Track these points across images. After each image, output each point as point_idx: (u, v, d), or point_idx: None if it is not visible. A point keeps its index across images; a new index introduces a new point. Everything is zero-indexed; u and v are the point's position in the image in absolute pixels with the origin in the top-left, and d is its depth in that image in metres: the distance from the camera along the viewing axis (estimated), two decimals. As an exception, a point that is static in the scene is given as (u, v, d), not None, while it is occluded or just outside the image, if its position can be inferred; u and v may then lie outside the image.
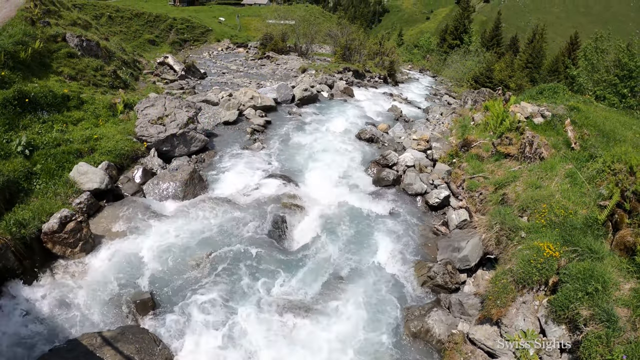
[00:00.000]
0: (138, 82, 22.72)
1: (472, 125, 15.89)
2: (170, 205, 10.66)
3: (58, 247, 8.36)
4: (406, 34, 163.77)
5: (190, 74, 28.65)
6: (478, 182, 11.60)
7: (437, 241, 10.18)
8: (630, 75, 20.66)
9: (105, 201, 10.29)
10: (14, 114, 11.15)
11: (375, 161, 14.11)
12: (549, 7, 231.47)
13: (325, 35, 47.16)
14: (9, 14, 17.35)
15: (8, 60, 13.34)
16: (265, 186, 11.94)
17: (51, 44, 17.03)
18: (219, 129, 16.27)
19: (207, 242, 9.27)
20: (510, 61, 46.14)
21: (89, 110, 13.70)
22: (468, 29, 69.07)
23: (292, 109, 19.89)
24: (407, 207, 11.78)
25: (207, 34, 58.23)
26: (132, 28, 52.59)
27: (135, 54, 30.81)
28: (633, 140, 10.77)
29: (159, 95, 15.92)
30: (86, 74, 17.61)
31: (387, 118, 20.99)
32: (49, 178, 9.78)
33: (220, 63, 39.02)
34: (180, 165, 12.47)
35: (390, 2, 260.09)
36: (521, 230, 8.42)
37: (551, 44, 78.83)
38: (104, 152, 11.51)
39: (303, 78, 27.47)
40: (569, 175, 9.68)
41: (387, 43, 47.69)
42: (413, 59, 71.37)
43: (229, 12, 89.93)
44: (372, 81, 34.18)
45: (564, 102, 14.19)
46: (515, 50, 62.08)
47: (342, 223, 10.59)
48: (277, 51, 42.05)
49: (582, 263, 6.91)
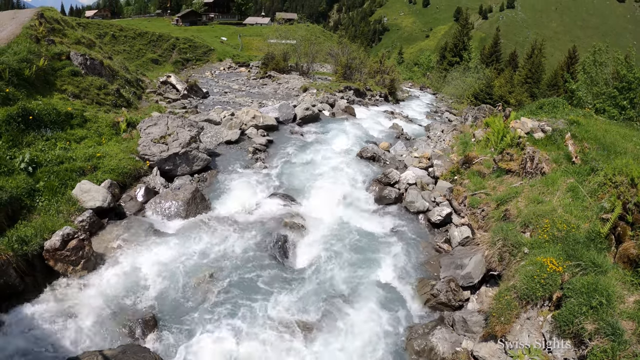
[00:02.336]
0: (141, 101, 22.95)
1: (473, 142, 15.93)
2: (172, 224, 10.68)
3: (60, 264, 8.38)
4: (406, 52, 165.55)
5: (193, 93, 28.90)
6: (480, 198, 11.59)
7: (440, 259, 10.14)
8: (630, 87, 20.72)
9: (107, 219, 10.34)
10: (17, 130, 11.28)
11: (377, 179, 14.12)
12: (547, 22, 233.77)
13: (326, 54, 47.58)
14: (15, 31, 17.61)
15: (13, 77, 13.52)
16: (267, 205, 11.97)
17: (55, 62, 17.27)
18: (221, 148, 16.34)
19: (209, 262, 9.27)
20: (510, 77, 46.47)
21: (92, 128, 13.84)
22: (467, 46, 69.50)
23: (294, 128, 19.99)
24: (409, 225, 11.75)
25: (210, 54, 58.94)
26: (136, 47, 53.32)
27: (139, 73, 31.18)
28: (634, 152, 10.78)
29: (162, 115, 16.05)
30: (90, 92, 17.80)
31: (388, 136, 21.04)
32: (52, 195, 9.85)
33: (223, 82, 39.37)
34: (182, 185, 12.53)
35: (390, 20, 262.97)
36: (524, 246, 8.38)
37: (550, 59, 79.34)
38: (107, 171, 11.60)
39: (304, 97, 27.66)
40: (570, 190, 9.67)
41: (387, 61, 48.05)
42: (413, 76, 71.93)
43: (231, 31, 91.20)
44: (373, 99, 34.34)
45: (564, 117, 14.22)
46: (514, 65, 62.50)
47: (344, 242, 10.57)
48: (279, 70, 42.43)
49: (585, 277, 6.87)
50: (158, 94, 26.59)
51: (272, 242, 10.03)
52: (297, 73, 43.09)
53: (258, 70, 45.92)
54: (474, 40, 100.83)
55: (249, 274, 8.98)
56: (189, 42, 59.50)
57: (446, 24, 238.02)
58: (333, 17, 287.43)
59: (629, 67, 21.93)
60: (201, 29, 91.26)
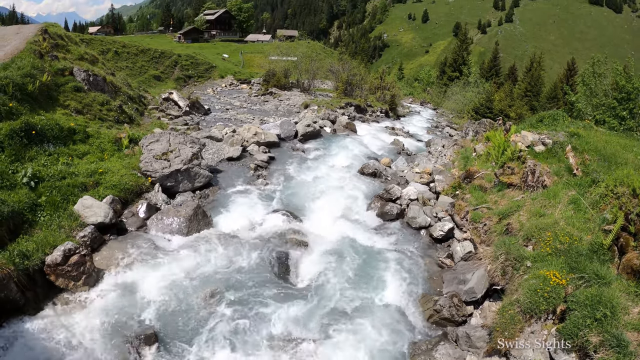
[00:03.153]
0: (143, 118, 23.09)
1: (474, 157, 15.95)
2: (174, 240, 10.67)
3: (61, 279, 8.37)
4: (406, 67, 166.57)
5: (195, 109, 29.10)
6: (482, 213, 11.56)
7: (443, 274, 10.09)
8: (629, 98, 20.75)
9: (109, 235, 10.33)
10: (20, 145, 11.34)
11: (379, 195, 14.11)
12: (546, 35, 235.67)
13: (327, 71, 47.87)
14: (19, 46, 17.80)
15: (16, 92, 13.62)
16: (269, 222, 11.96)
17: (59, 78, 17.42)
18: (222, 164, 16.41)
19: (211, 278, 9.24)
20: (510, 90, 46.72)
21: (94, 144, 13.91)
22: (467, 61, 69.97)
23: (295, 144, 20.07)
24: (412, 241, 11.71)
25: (211, 71, 59.52)
26: (138, 64, 53.87)
27: (141, 89, 31.43)
28: (634, 162, 10.77)
29: (164, 131, 16.14)
30: (92, 108, 17.93)
31: (389, 152, 21.10)
32: (54, 210, 9.86)
33: (224, 99, 39.64)
34: (184, 201, 12.54)
35: (390, 37, 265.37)
36: (526, 260, 8.34)
37: (549, 71, 79.73)
38: (109, 186, 11.63)
39: (306, 114, 27.79)
40: (572, 202, 9.64)
41: (387, 77, 48.43)
42: (414, 92, 72.28)
43: (232, 49, 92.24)
44: (374, 115, 34.49)
45: (564, 129, 14.26)
46: (514, 79, 62.85)
47: (346, 258, 10.53)
48: (280, 87, 42.71)
49: (589, 289, 6.82)
50: (160, 111, 26.77)
51: (274, 259, 10.01)
52: (298, 90, 43.37)
53: (259, 87, 46.25)
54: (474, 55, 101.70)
55: (250, 291, 8.94)
56: (191, 59, 60.15)
57: (445, 39, 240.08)
58: (333, 34, 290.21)
59: (627, 77, 21.99)
60: (203, 46, 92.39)
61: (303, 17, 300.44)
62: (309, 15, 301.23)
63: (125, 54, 54.32)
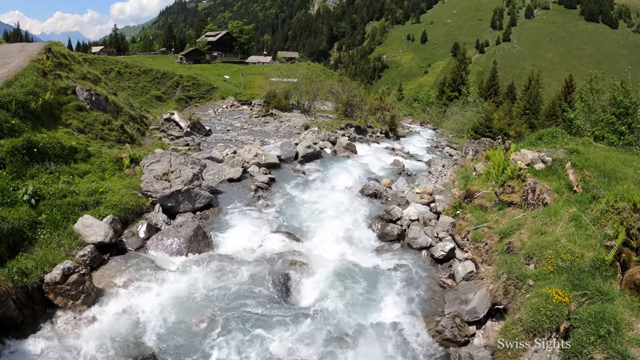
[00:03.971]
0: (144, 138, 23.23)
1: (474, 176, 15.96)
2: (174, 261, 10.61)
3: (60, 298, 8.30)
4: (406, 88, 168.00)
5: (196, 130, 29.31)
6: (483, 232, 11.52)
7: (444, 294, 10.00)
8: (627, 112, 20.79)
9: (108, 255, 10.28)
10: (22, 162, 11.38)
11: (379, 216, 14.07)
12: (543, 53, 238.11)
13: (327, 92, 48.28)
14: (22, 64, 18.02)
15: (19, 109, 13.75)
16: (270, 243, 11.91)
17: (61, 96, 17.60)
18: (223, 185, 16.42)
19: (211, 300, 9.16)
20: (509, 109, 46.99)
21: (95, 163, 13.96)
22: (465, 80, 70.59)
23: (296, 166, 20.12)
24: (413, 262, 11.62)
25: (213, 92, 59.99)
26: (140, 84, 54.29)
27: (143, 109, 31.71)
28: (634, 177, 10.77)
29: (165, 152, 16.22)
30: (94, 127, 18.05)
31: (389, 173, 21.12)
32: (54, 228, 9.84)
33: (225, 120, 39.90)
34: (184, 222, 12.53)
35: (389, 58, 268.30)
36: (528, 278, 8.29)
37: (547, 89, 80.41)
38: (109, 206, 11.61)
39: (306, 135, 27.96)
40: (573, 219, 9.62)
41: (387, 98, 48.78)
42: (413, 112, 72.80)
43: (233, 70, 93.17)
44: (374, 136, 34.63)
45: (564, 146, 14.29)
46: (512, 97, 63.28)
47: (347, 279, 10.45)
48: (281, 109, 43.02)
49: (592, 306, 6.79)
50: (161, 131, 26.95)
51: (274, 280, 9.94)
52: (298, 111, 43.67)
53: (260, 108, 46.59)
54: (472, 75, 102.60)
55: (250, 313, 8.85)
56: (193, 80, 60.68)
57: (444, 60, 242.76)
58: (333, 56, 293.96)
59: (625, 92, 22.07)
60: (204, 67, 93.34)
61: (303, 39, 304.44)
62: (309, 37, 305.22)
63: (127, 74, 54.83)
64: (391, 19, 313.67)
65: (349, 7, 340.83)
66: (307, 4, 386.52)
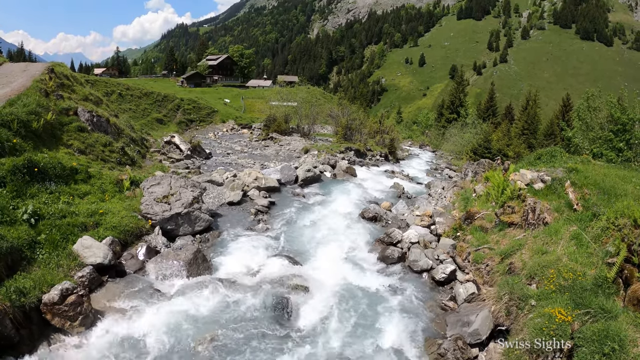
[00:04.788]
0: (145, 160, 23.29)
1: (474, 197, 15.96)
2: (173, 284, 10.51)
3: (57, 319, 8.21)
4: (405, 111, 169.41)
5: (196, 153, 29.40)
6: (484, 253, 11.46)
7: (446, 317, 9.89)
8: (625, 129, 20.90)
9: (107, 277, 10.21)
10: (22, 181, 11.38)
11: (380, 239, 14.02)
12: (540, 73, 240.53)
13: (327, 115, 48.56)
14: (25, 84, 18.18)
15: (21, 128, 13.80)
16: (270, 267, 11.81)
17: (63, 117, 17.69)
18: (223, 209, 16.40)
19: (210, 324, 9.05)
20: (507, 130, 47.24)
21: (95, 184, 13.95)
22: (464, 102, 71.07)
23: (296, 189, 20.14)
24: (414, 284, 11.52)
25: (213, 115, 60.30)
26: (141, 106, 54.52)
27: (143, 132, 31.88)
28: (634, 193, 10.75)
29: (165, 174, 16.23)
30: (95, 148, 18.11)
31: (389, 196, 21.13)
32: (53, 249, 9.78)
33: (225, 143, 40.03)
34: (184, 245, 12.48)
35: (388, 81, 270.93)
36: (531, 299, 8.21)
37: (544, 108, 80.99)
38: (109, 228, 11.56)
39: (306, 159, 28.04)
40: (574, 237, 9.58)
41: (386, 121, 49.10)
42: (412, 135, 73.15)
43: (234, 94, 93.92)
44: (374, 159, 34.75)
45: (562, 165, 14.33)
46: (510, 118, 63.70)
47: (348, 303, 10.35)
48: (280, 132, 43.23)
49: (595, 324, 6.72)
50: (162, 154, 27.05)
51: (275, 304, 9.83)
52: (298, 135, 43.87)
53: (260, 132, 46.82)
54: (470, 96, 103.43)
55: (250, 337, 8.74)
56: (193, 103, 61.06)
57: (442, 82, 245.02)
58: (333, 79, 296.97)
59: (622, 109, 22.23)
60: (205, 90, 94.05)
61: (303, 63, 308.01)
62: (308, 61, 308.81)
63: (129, 96, 55.17)
64: (389, 43, 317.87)
65: (347, 31, 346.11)
66: (307, 29, 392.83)
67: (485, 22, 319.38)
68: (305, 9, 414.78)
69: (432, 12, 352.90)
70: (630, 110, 21.86)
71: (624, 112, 21.69)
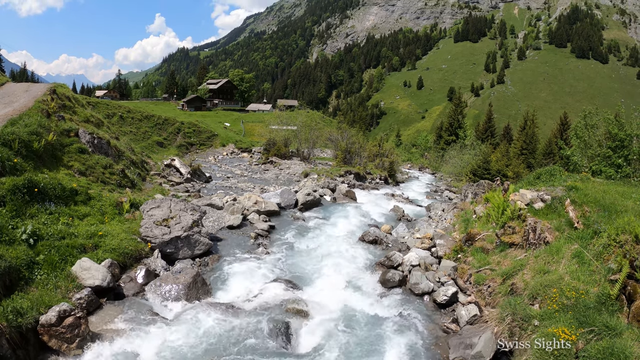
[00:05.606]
0: (145, 183, 23.29)
1: (474, 219, 15.91)
2: (172, 308, 10.42)
3: (54, 340, 8.10)
4: (404, 134, 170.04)
5: (196, 177, 29.48)
6: (485, 275, 11.36)
7: (448, 339, 9.73)
8: (623, 145, 20.91)
9: (105, 299, 10.13)
10: (22, 201, 11.39)
11: (380, 262, 13.93)
12: (537, 93, 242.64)
13: (326, 139, 48.82)
14: (27, 104, 18.31)
15: (22, 148, 13.87)
16: (269, 291, 11.69)
17: (64, 138, 17.77)
18: (223, 232, 16.35)
19: (209, 349, 8.90)
20: (506, 150, 47.41)
21: (95, 206, 13.95)
22: (462, 124, 71.53)
23: (296, 213, 20.12)
24: (415, 307, 11.38)
25: (213, 139, 60.62)
26: (142, 129, 54.86)
27: (144, 154, 31.96)
28: (634, 208, 10.66)
29: (165, 197, 16.23)
30: (95, 170, 18.12)
31: (389, 219, 21.10)
32: (51, 270, 9.72)
33: (225, 167, 40.17)
34: (183, 268, 12.38)
35: (387, 104, 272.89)
36: (534, 319, 8.09)
37: (543, 128, 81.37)
38: (108, 250, 11.53)
39: (306, 182, 28.10)
40: (575, 256, 9.49)
41: (385, 144, 49.25)
42: (412, 158, 73.41)
43: (234, 117, 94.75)
44: (374, 183, 34.81)
45: (562, 183, 14.30)
46: (509, 138, 64.01)
47: (349, 327, 10.21)
48: (280, 156, 43.42)
49: (600, 342, 6.63)
50: (162, 177, 27.10)
51: (274, 329, 9.70)
52: (298, 158, 44.06)
53: (260, 155, 47.07)
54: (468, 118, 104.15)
55: (250, 364, 8.61)
56: (194, 126, 61.46)
57: (440, 104, 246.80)
58: (332, 103, 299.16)
59: (619, 125, 22.29)
60: (205, 114, 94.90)
61: (302, 87, 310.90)
62: (308, 85, 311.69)
63: (129, 119, 55.60)
64: (388, 67, 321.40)
65: (346, 55, 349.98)
66: (306, 53, 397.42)
67: (481, 43, 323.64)
68: (305, 33, 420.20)
69: (429, 35, 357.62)
70: (628, 126, 21.95)
71: (621, 128, 21.76)
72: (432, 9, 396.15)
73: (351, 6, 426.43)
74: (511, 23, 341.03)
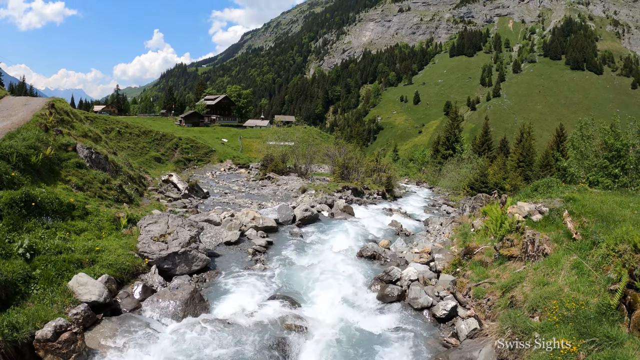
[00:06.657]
0: (142, 198, 23.22)
1: (472, 232, 15.90)
2: (169, 324, 10.28)
3: (50, 356, 7.97)
4: (401, 148, 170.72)
5: (194, 193, 29.45)
6: (484, 288, 11.30)
7: (448, 354, 9.62)
8: (619, 155, 20.98)
9: (102, 315, 9.97)
10: (19, 215, 11.31)
11: (379, 278, 13.84)
12: (533, 105, 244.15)
13: (324, 155, 48.94)
14: (25, 118, 18.29)
15: (19, 162, 13.83)
16: (267, 307, 11.59)
17: (62, 153, 17.73)
18: (220, 248, 16.28)
19: (207, 367, 8.80)
20: (503, 163, 47.54)
21: (92, 221, 13.86)
22: (459, 138, 71.82)
23: (293, 229, 20.07)
24: (414, 322, 11.30)
25: (211, 155, 60.79)
26: (140, 144, 55.02)
27: (141, 170, 31.91)
28: (632, 218, 10.66)
29: (163, 213, 16.16)
30: (93, 185, 18.05)
31: (387, 233, 21.06)
32: (48, 284, 9.60)
33: (223, 183, 40.18)
34: (181, 284, 12.28)
35: (384, 119, 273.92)
36: (534, 331, 8.03)
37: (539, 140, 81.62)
38: (105, 265, 11.41)
39: (303, 198, 28.06)
40: (574, 267, 9.47)
41: (383, 159, 49.39)
42: (409, 172, 73.67)
43: (231, 133, 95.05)
44: (371, 198, 34.84)
45: (559, 195, 14.32)
46: (506, 151, 64.18)
47: (348, 343, 10.10)
48: (278, 172, 43.47)
49: (601, 353, 6.58)
50: (159, 192, 27.02)
51: (272, 346, 9.58)
52: (295, 174, 44.09)
53: (257, 171, 47.16)
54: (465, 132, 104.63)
55: (248, 383, 8.49)
56: (191, 142, 61.68)
57: (437, 119, 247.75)
58: (329, 119, 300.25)
59: (615, 135, 22.40)
60: (203, 130, 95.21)
61: (300, 102, 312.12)
62: (305, 101, 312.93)
63: (127, 134, 55.75)
64: (384, 82, 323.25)
65: (343, 71, 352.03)
66: (303, 69, 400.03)
67: (477, 57, 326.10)
68: (302, 49, 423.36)
69: (425, 50, 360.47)
70: (624, 136, 22.05)
71: (617, 138, 21.88)
72: (428, 24, 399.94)
73: (347, 22, 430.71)
74: (506, 37, 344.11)
